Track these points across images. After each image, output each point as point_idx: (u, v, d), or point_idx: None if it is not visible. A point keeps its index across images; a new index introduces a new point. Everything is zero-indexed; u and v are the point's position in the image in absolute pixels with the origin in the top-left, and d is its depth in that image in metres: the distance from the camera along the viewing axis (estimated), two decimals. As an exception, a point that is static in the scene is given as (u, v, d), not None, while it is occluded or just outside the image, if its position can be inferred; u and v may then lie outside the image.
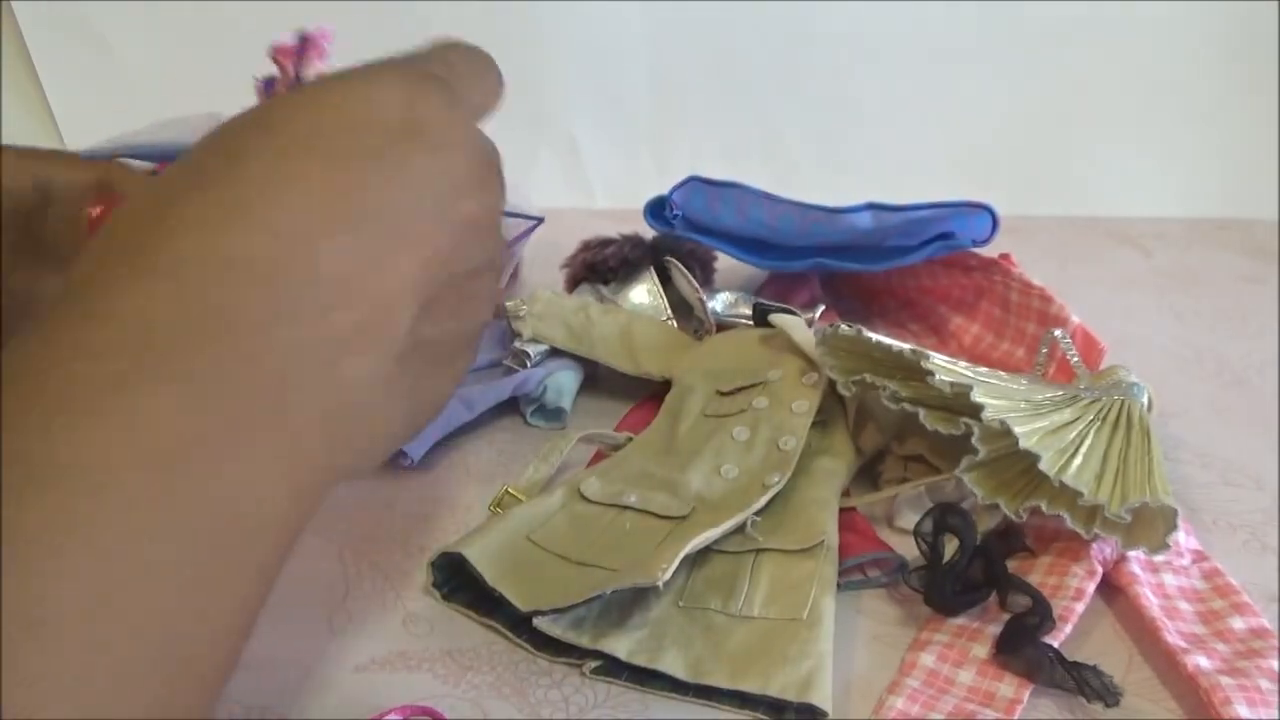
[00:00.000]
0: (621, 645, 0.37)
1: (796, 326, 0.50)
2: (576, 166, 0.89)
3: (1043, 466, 0.38)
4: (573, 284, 0.61)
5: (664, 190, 0.59)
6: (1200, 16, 0.79)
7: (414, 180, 0.26)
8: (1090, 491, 0.38)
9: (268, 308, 0.22)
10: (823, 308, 0.57)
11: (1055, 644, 0.37)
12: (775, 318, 0.52)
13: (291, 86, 0.39)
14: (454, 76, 0.30)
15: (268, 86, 0.46)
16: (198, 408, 0.21)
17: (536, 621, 0.37)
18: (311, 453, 0.24)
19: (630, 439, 0.48)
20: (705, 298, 0.57)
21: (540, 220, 0.66)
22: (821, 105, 0.87)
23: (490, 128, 0.32)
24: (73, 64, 0.84)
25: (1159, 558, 0.41)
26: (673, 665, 0.36)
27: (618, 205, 0.86)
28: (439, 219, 0.27)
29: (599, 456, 0.49)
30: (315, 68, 0.44)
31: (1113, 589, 0.41)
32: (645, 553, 0.39)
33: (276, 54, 0.46)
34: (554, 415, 0.53)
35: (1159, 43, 0.80)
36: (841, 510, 0.43)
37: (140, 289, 0.21)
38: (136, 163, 0.56)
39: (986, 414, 0.39)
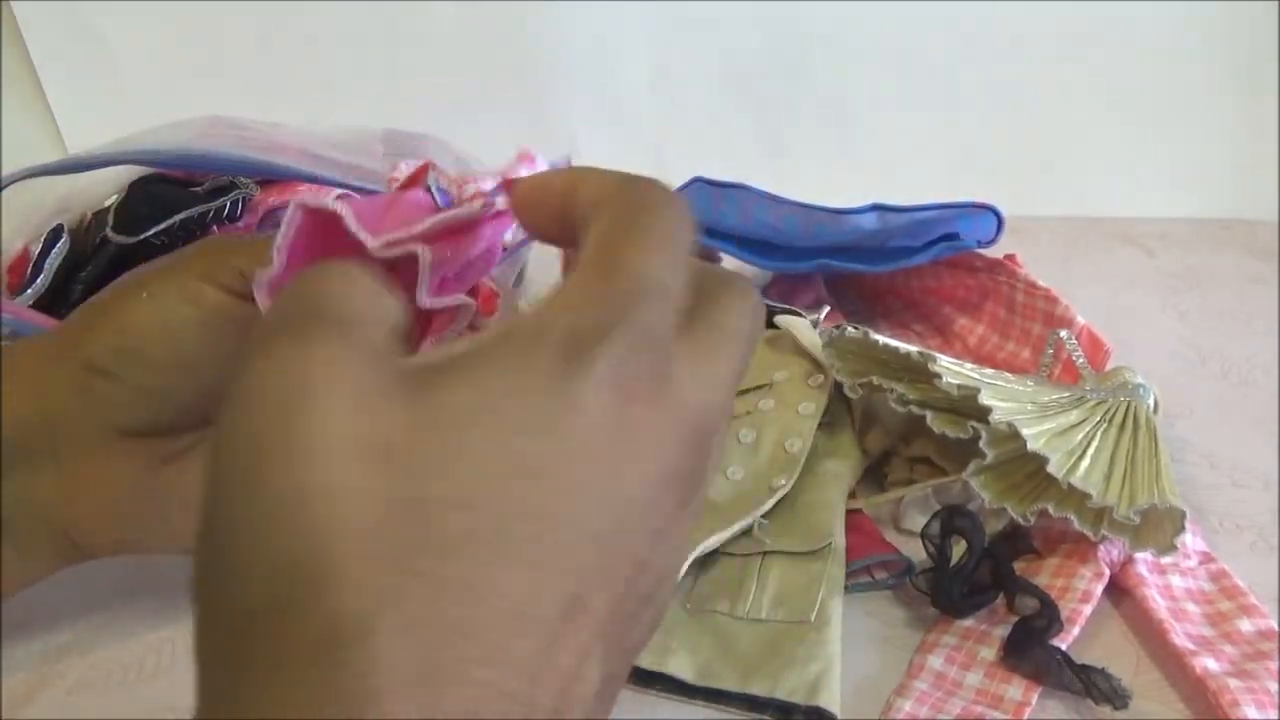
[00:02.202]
0: (629, 648, 0.37)
1: (802, 328, 0.50)
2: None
3: (1051, 469, 0.38)
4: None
5: (666, 191, 0.59)
6: (1202, 16, 0.79)
7: (596, 516, 0.20)
8: (1099, 493, 0.38)
9: None
10: (828, 309, 0.56)
11: (1063, 646, 0.37)
12: (780, 319, 0.52)
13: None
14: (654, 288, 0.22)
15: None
16: None
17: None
18: None
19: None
20: (709, 299, 0.57)
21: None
22: (822, 105, 0.87)
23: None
24: (73, 64, 0.84)
25: (1166, 559, 0.41)
26: (680, 668, 0.36)
27: (618, 205, 0.86)
28: (620, 553, 0.21)
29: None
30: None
31: (1120, 591, 0.41)
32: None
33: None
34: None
35: (1161, 42, 0.80)
36: (848, 512, 0.43)
37: None
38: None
39: (995, 416, 0.39)
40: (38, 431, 0.31)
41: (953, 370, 0.41)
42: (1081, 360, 0.47)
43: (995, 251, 0.56)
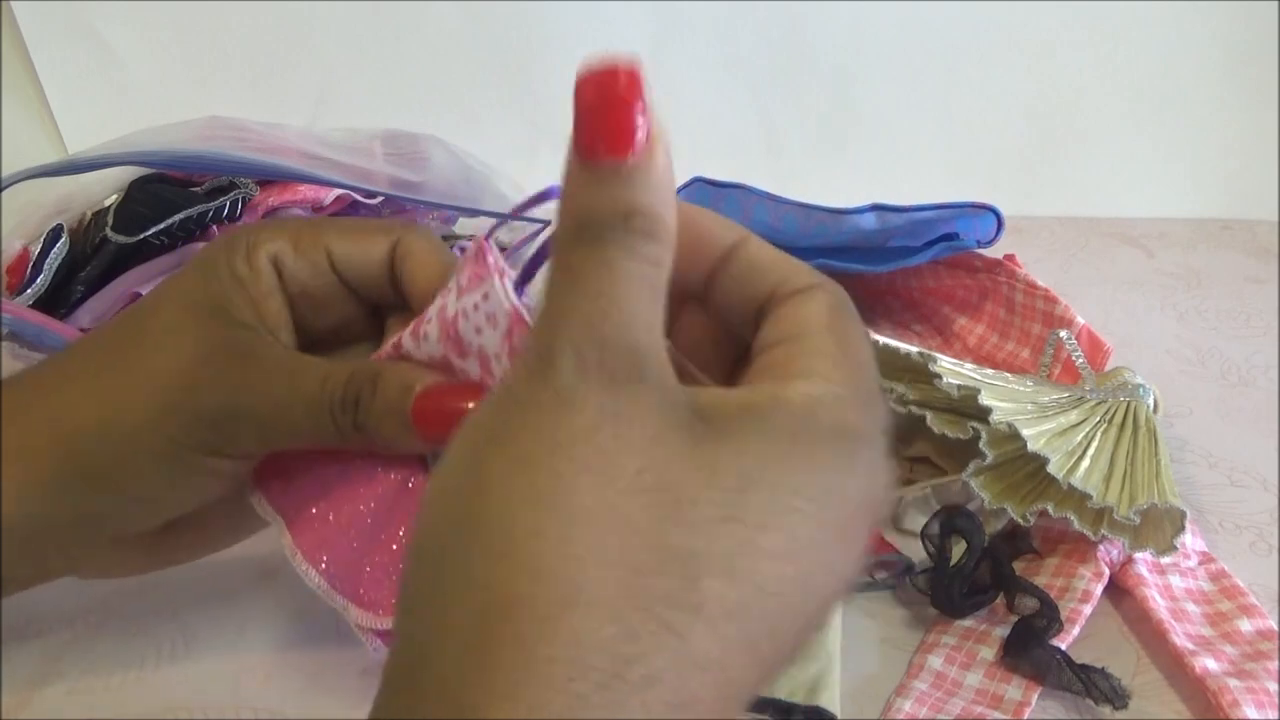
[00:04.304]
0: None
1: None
2: (577, 166, 0.89)
3: (1051, 469, 0.38)
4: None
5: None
6: (1201, 16, 0.79)
7: (816, 614, 0.20)
8: (1099, 494, 0.38)
9: None
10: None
11: (1063, 646, 0.37)
12: (780, 319, 0.52)
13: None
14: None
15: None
16: None
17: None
18: None
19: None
20: (709, 299, 0.57)
21: (548, 224, 0.66)
22: (822, 105, 0.86)
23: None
24: (73, 64, 0.84)
25: (1166, 559, 0.41)
26: (680, 668, 0.36)
27: (618, 205, 0.86)
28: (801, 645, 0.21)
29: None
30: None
31: (1120, 591, 0.41)
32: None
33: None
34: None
35: (1160, 42, 0.80)
36: (848, 512, 0.43)
37: None
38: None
39: (995, 417, 0.39)
40: (37, 540, 0.31)
41: (953, 370, 0.41)
42: (1081, 360, 0.47)
43: (995, 251, 0.56)
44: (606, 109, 0.19)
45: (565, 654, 0.17)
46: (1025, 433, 0.39)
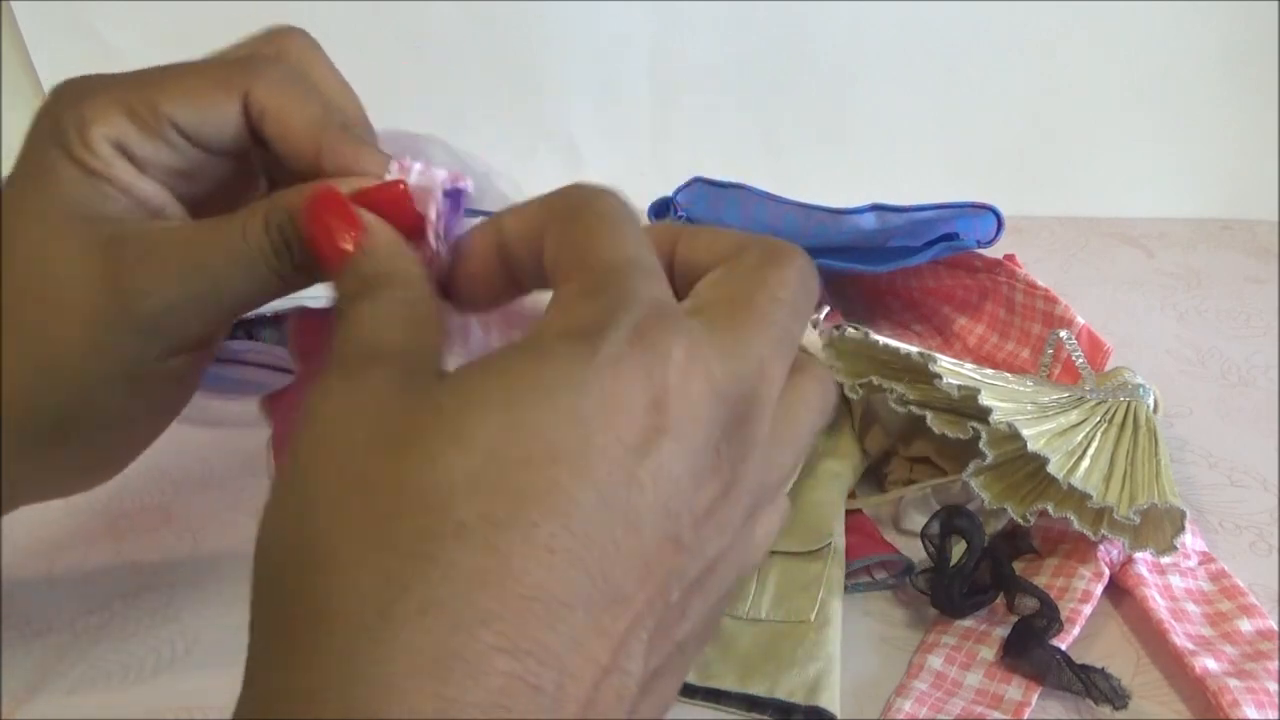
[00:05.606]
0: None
1: (801, 328, 0.50)
2: (577, 166, 0.89)
3: (1051, 469, 0.38)
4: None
5: (664, 190, 0.59)
6: (1201, 16, 0.79)
7: (627, 498, 0.19)
8: (1099, 494, 0.38)
9: None
10: (827, 308, 0.56)
11: (1063, 646, 0.37)
12: (780, 319, 0.51)
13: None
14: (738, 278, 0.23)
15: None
16: None
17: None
18: None
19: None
20: (709, 299, 0.56)
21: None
22: (822, 105, 0.86)
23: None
24: (73, 64, 0.83)
25: (1166, 559, 0.41)
26: (680, 668, 0.36)
27: (618, 205, 0.85)
28: (657, 536, 0.20)
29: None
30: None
31: (1120, 591, 0.41)
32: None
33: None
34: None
35: (1160, 42, 0.80)
36: (848, 512, 0.43)
37: None
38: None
39: (995, 417, 0.39)
40: None
41: (953, 371, 0.41)
42: (1081, 360, 0.47)
43: (995, 251, 0.56)
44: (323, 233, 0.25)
45: (330, 614, 0.18)
46: (1025, 433, 0.39)
